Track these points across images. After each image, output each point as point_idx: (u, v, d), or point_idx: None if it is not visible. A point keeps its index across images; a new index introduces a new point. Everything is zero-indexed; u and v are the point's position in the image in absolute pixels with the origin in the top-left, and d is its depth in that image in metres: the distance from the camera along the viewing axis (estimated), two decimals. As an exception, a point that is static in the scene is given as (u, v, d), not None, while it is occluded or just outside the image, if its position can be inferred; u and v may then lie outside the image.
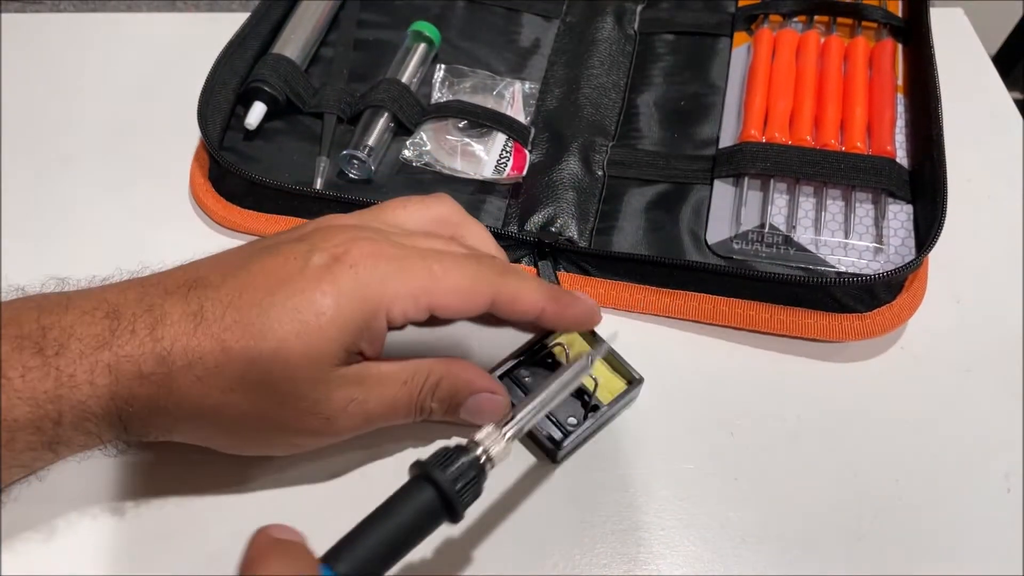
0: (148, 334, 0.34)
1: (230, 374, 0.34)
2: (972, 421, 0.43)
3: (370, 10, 0.62)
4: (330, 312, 0.34)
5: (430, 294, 0.36)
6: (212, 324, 0.34)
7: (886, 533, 0.39)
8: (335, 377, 0.35)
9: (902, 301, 0.45)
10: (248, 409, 0.34)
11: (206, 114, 0.51)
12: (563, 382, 0.36)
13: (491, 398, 0.39)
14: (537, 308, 0.38)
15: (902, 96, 0.55)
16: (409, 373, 0.37)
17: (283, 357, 0.34)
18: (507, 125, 0.53)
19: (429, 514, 0.31)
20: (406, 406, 0.37)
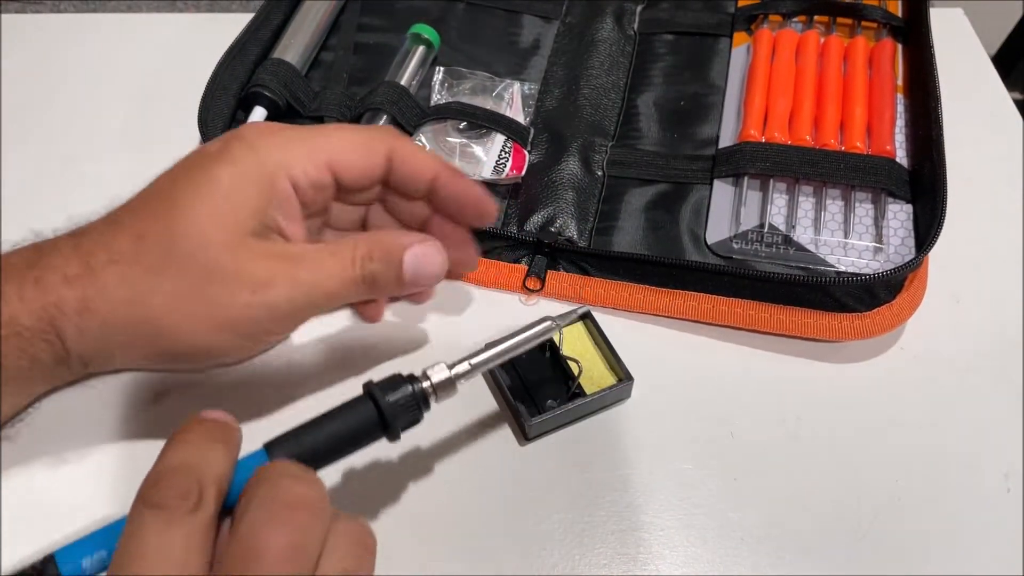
0: (71, 247, 0.35)
1: (149, 258, 0.34)
2: (972, 421, 0.43)
3: (370, 14, 0.62)
4: (228, 179, 0.35)
5: (326, 150, 0.37)
6: (128, 221, 0.36)
7: (886, 533, 0.39)
8: (254, 245, 0.35)
9: (902, 301, 0.45)
10: (174, 289, 0.34)
11: (207, 120, 0.51)
12: (522, 338, 0.38)
13: (425, 247, 0.37)
14: (432, 170, 0.39)
15: (902, 96, 0.55)
16: (335, 245, 0.37)
17: (195, 230, 0.34)
18: (506, 126, 0.53)
19: (366, 427, 0.34)
20: (341, 274, 0.36)
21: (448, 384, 0.36)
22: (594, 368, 0.43)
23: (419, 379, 0.35)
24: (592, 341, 0.44)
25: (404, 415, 0.34)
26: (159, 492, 0.27)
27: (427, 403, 0.35)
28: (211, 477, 0.28)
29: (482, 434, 0.42)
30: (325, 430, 0.33)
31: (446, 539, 0.39)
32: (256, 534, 0.26)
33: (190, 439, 0.29)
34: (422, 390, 0.35)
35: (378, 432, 0.34)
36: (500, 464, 0.41)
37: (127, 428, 0.42)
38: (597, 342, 0.44)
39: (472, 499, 0.40)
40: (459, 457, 0.42)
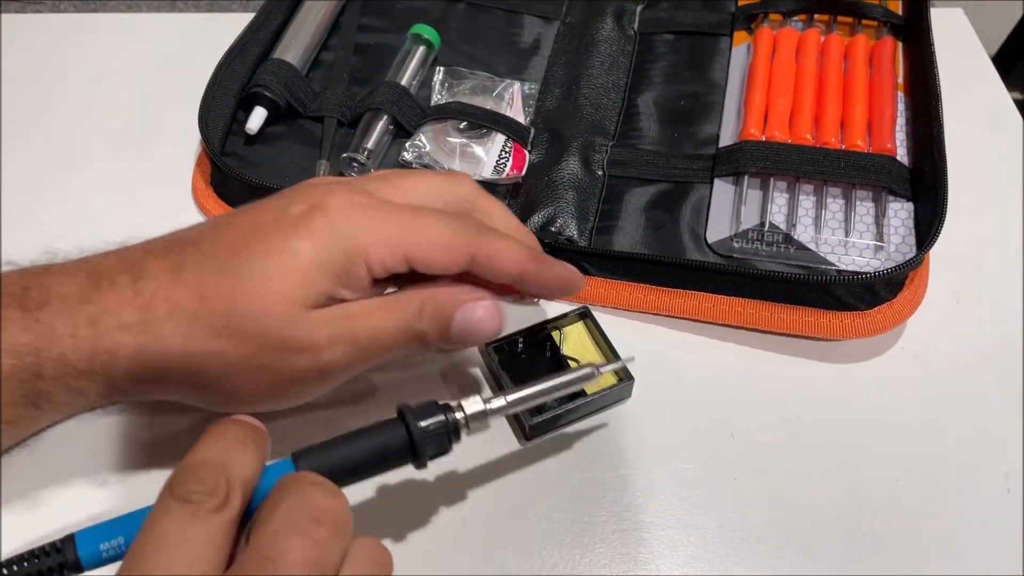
0: (129, 287, 0.34)
1: (210, 320, 0.34)
2: (972, 420, 0.43)
3: (370, 14, 0.62)
4: (307, 255, 0.34)
5: (407, 244, 0.36)
6: (190, 274, 0.34)
7: (886, 533, 0.39)
8: (317, 317, 0.35)
9: (903, 299, 0.45)
10: (234, 355, 0.34)
11: (207, 120, 0.51)
12: (562, 381, 0.37)
13: (482, 304, 0.37)
14: (518, 267, 0.38)
15: (902, 94, 0.55)
16: (391, 300, 0.36)
17: (260, 299, 0.34)
18: (506, 126, 0.53)
19: (395, 451, 0.34)
20: (395, 331, 0.36)
21: (481, 417, 0.35)
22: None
23: (453, 409, 0.35)
24: (592, 340, 0.44)
25: (434, 443, 0.34)
26: (188, 486, 0.27)
27: (458, 435, 0.35)
28: (239, 478, 0.28)
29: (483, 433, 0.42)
30: (354, 447, 0.33)
31: (446, 539, 0.39)
32: (277, 543, 0.26)
33: (223, 437, 0.30)
34: (455, 420, 0.34)
35: (406, 457, 0.34)
36: (500, 464, 0.41)
37: (134, 438, 0.42)
38: (597, 341, 0.44)
39: (472, 498, 0.40)
40: (459, 455, 0.42)
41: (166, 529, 0.27)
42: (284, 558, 0.26)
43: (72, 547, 0.30)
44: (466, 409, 0.35)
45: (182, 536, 0.26)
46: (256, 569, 0.26)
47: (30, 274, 0.35)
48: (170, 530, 0.26)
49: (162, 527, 0.27)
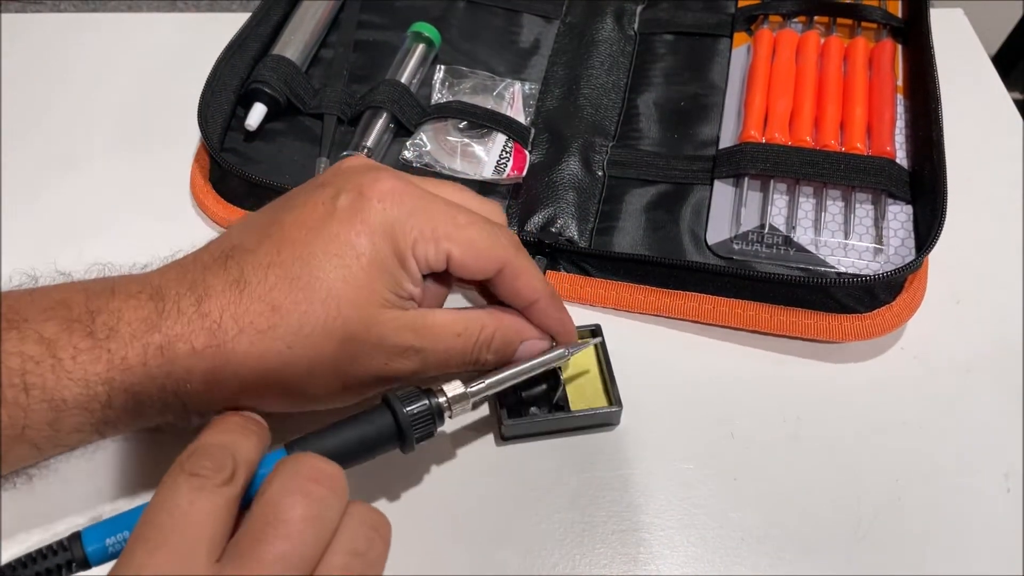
0: (195, 310, 0.34)
1: (285, 331, 0.34)
2: (972, 421, 0.43)
3: (370, 11, 0.62)
4: (368, 252, 0.35)
5: (450, 239, 0.36)
6: (256, 287, 0.34)
7: (886, 533, 0.39)
8: (389, 316, 0.35)
9: (902, 301, 0.45)
10: (311, 362, 0.34)
11: (207, 115, 0.51)
12: (537, 362, 0.39)
13: (538, 344, 0.39)
14: (537, 293, 0.39)
15: (902, 96, 0.55)
16: (462, 326, 0.37)
17: (334, 304, 0.34)
18: (507, 126, 0.53)
19: (383, 436, 0.35)
20: (460, 356, 0.37)
21: (462, 399, 0.37)
22: (589, 387, 0.43)
23: (436, 393, 0.36)
24: (597, 361, 0.44)
25: (420, 427, 0.36)
26: (197, 462, 0.29)
27: (441, 417, 0.36)
28: (244, 459, 0.31)
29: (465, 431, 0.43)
30: (344, 434, 0.35)
31: (447, 539, 0.39)
32: (280, 501, 0.28)
33: (229, 425, 0.32)
34: (438, 404, 0.36)
35: (394, 442, 0.36)
36: (500, 464, 0.41)
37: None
38: (600, 363, 0.44)
39: (472, 498, 0.40)
40: (459, 455, 0.42)
41: (177, 500, 0.28)
42: (286, 514, 0.28)
43: (79, 544, 0.31)
44: (448, 392, 0.37)
45: (191, 507, 0.28)
46: (261, 526, 0.28)
47: (94, 294, 0.34)
48: (181, 501, 0.28)
49: (173, 498, 0.28)
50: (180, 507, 0.28)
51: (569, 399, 0.42)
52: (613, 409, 0.42)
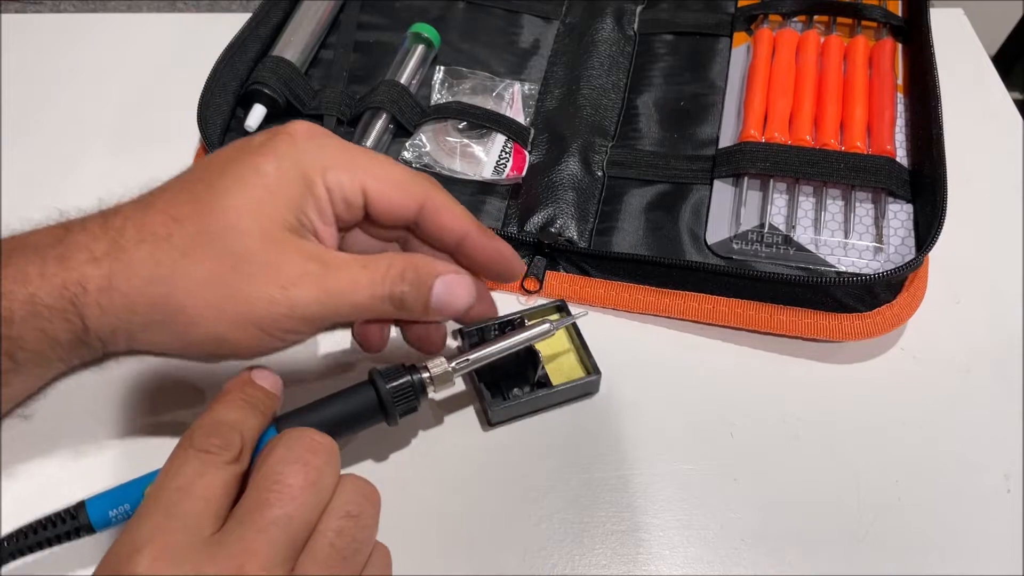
0: (100, 225, 0.35)
1: (182, 240, 0.34)
2: (972, 421, 0.43)
3: (370, 12, 0.62)
4: (273, 174, 0.35)
5: (365, 172, 0.37)
6: (162, 204, 0.35)
7: (886, 533, 0.39)
8: (289, 241, 0.35)
9: (902, 301, 0.45)
10: (201, 276, 0.34)
11: (206, 116, 0.51)
12: (518, 338, 0.40)
13: (457, 277, 0.37)
14: (463, 228, 0.38)
15: (901, 95, 0.55)
16: (369, 259, 0.36)
17: (232, 216, 0.34)
18: (506, 126, 0.53)
19: (367, 410, 0.37)
20: (371, 288, 0.36)
21: (445, 376, 0.38)
22: (565, 361, 0.44)
23: (419, 370, 0.38)
24: (566, 334, 0.44)
25: (402, 402, 0.37)
26: (207, 439, 0.31)
27: (424, 392, 0.38)
28: (250, 438, 0.32)
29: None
30: (330, 410, 0.37)
31: (446, 539, 0.39)
32: (280, 470, 0.30)
33: (237, 402, 0.34)
34: (420, 380, 0.38)
35: (378, 415, 0.37)
36: (500, 464, 0.41)
37: (135, 422, 0.42)
38: (571, 335, 0.44)
39: (471, 499, 0.40)
40: (460, 455, 0.42)
41: (187, 474, 0.30)
42: (286, 480, 0.30)
43: (84, 512, 0.34)
44: (431, 369, 0.38)
45: (201, 481, 0.30)
46: (263, 493, 0.29)
47: (7, 239, 0.35)
48: (190, 475, 0.30)
49: (182, 473, 0.30)
50: (188, 481, 0.30)
51: (551, 375, 0.43)
52: (592, 378, 0.43)
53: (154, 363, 0.44)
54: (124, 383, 0.44)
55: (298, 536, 0.29)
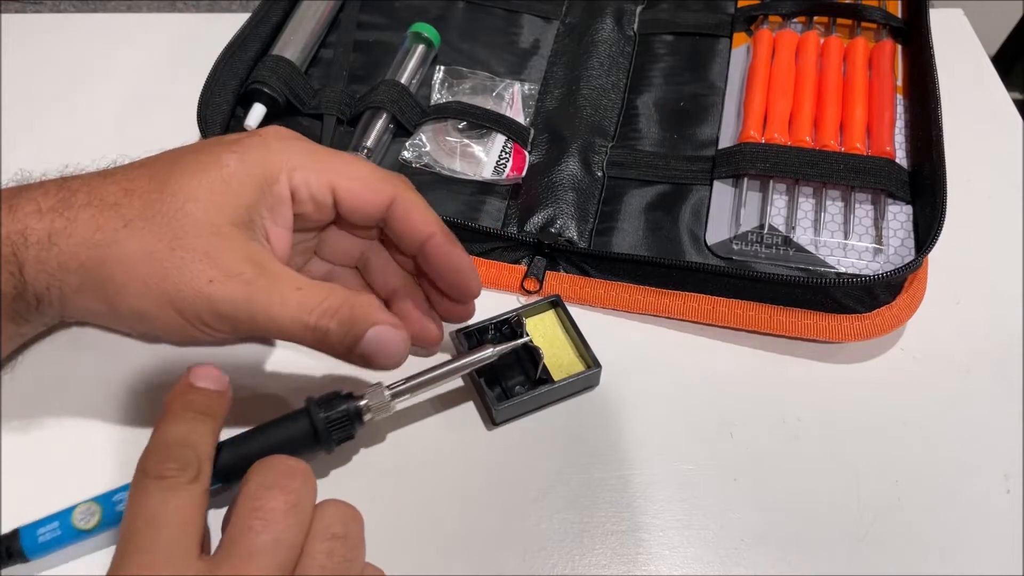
0: (57, 185, 0.36)
1: (128, 211, 0.35)
2: (971, 422, 0.43)
3: (370, 11, 0.62)
4: (233, 166, 0.36)
5: (334, 171, 0.37)
6: (121, 175, 0.36)
7: (885, 534, 0.39)
8: (233, 236, 0.35)
9: (901, 302, 0.45)
10: (136, 249, 0.34)
11: (206, 115, 0.51)
12: (459, 364, 0.40)
13: (393, 332, 0.36)
14: (432, 226, 0.39)
15: (901, 97, 0.55)
16: (307, 282, 0.35)
17: (182, 198, 0.35)
18: (506, 126, 0.53)
19: (301, 440, 0.37)
20: (296, 311, 0.34)
21: (383, 405, 0.38)
22: (563, 356, 0.44)
23: (356, 398, 0.37)
24: (563, 329, 0.44)
25: (337, 431, 0.37)
26: (162, 465, 0.30)
27: (361, 420, 0.38)
28: (205, 452, 0.32)
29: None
30: (266, 438, 0.36)
31: (446, 539, 0.39)
32: (259, 495, 0.30)
33: (184, 414, 0.32)
34: (356, 408, 0.37)
35: (313, 444, 0.37)
36: (500, 464, 0.41)
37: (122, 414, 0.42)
38: (567, 330, 0.44)
39: (471, 499, 0.40)
40: (461, 456, 0.42)
41: (150, 505, 0.30)
42: (267, 505, 0.30)
43: (17, 539, 0.35)
44: (368, 398, 0.38)
45: (165, 508, 0.29)
46: (246, 520, 0.30)
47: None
48: (154, 505, 0.30)
49: (146, 505, 0.30)
50: (157, 511, 0.29)
51: (550, 371, 0.43)
52: (593, 371, 0.43)
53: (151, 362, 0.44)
54: (123, 385, 0.44)
55: (287, 559, 0.30)
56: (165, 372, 0.44)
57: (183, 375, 0.34)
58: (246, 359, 0.44)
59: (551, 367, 0.43)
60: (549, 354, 0.43)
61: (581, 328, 0.44)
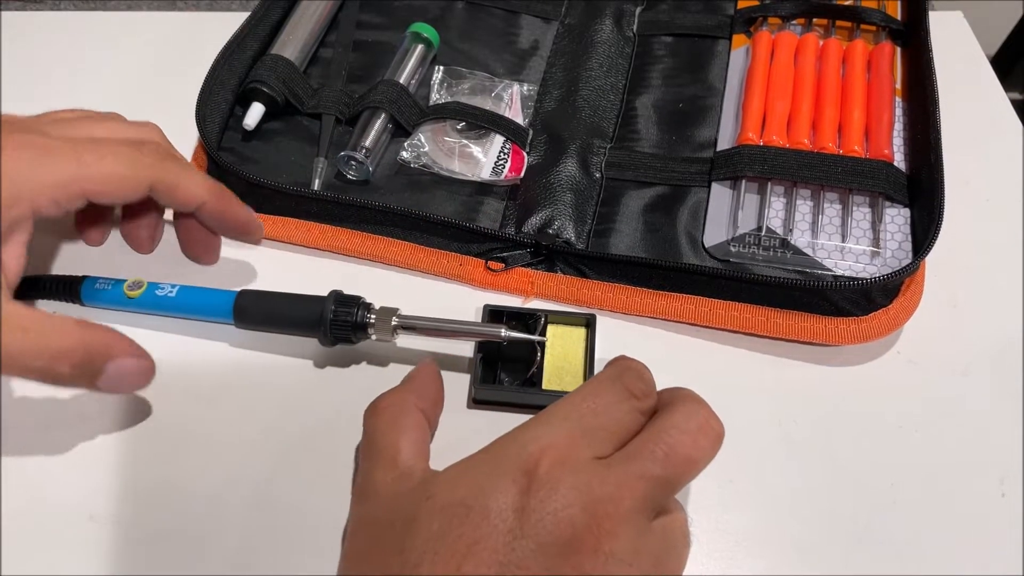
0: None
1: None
2: (968, 425, 0.43)
3: (369, 11, 0.62)
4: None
5: (81, 181, 0.37)
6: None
7: (881, 537, 0.39)
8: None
9: (899, 305, 0.45)
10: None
11: (204, 114, 0.51)
12: (470, 327, 0.42)
13: (136, 363, 0.36)
14: (198, 199, 0.41)
15: (900, 99, 0.55)
16: (36, 323, 0.34)
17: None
18: (505, 127, 0.53)
19: (307, 321, 0.42)
20: (21, 357, 0.34)
21: (385, 327, 0.41)
22: (569, 372, 0.43)
23: (369, 311, 0.41)
24: (584, 349, 0.44)
25: (338, 329, 0.41)
26: (635, 382, 0.34)
27: (365, 332, 0.41)
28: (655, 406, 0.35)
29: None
30: (284, 302, 0.43)
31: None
32: (675, 435, 0.32)
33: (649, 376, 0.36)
34: (363, 319, 0.41)
35: (316, 331, 0.42)
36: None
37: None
38: (587, 351, 0.44)
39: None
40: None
41: (606, 401, 0.33)
42: (676, 449, 0.32)
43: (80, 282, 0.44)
44: (377, 313, 0.41)
45: (615, 410, 0.33)
46: (654, 445, 0.32)
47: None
48: (610, 403, 0.33)
49: (602, 398, 0.33)
50: (607, 407, 0.33)
51: (545, 378, 0.42)
52: None
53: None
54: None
55: (663, 500, 0.32)
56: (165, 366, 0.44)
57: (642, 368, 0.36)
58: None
59: (551, 377, 0.43)
60: (556, 364, 0.43)
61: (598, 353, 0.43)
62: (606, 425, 0.32)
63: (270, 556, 0.38)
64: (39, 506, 0.39)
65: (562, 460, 0.31)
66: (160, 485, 0.40)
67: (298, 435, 0.42)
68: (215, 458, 0.41)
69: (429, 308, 0.43)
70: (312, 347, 0.44)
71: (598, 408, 0.33)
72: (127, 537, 0.39)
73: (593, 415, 0.33)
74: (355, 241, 0.49)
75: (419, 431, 0.36)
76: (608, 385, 0.34)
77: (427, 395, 0.39)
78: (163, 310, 0.45)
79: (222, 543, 0.39)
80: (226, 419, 0.42)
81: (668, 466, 0.31)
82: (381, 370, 0.45)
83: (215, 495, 0.40)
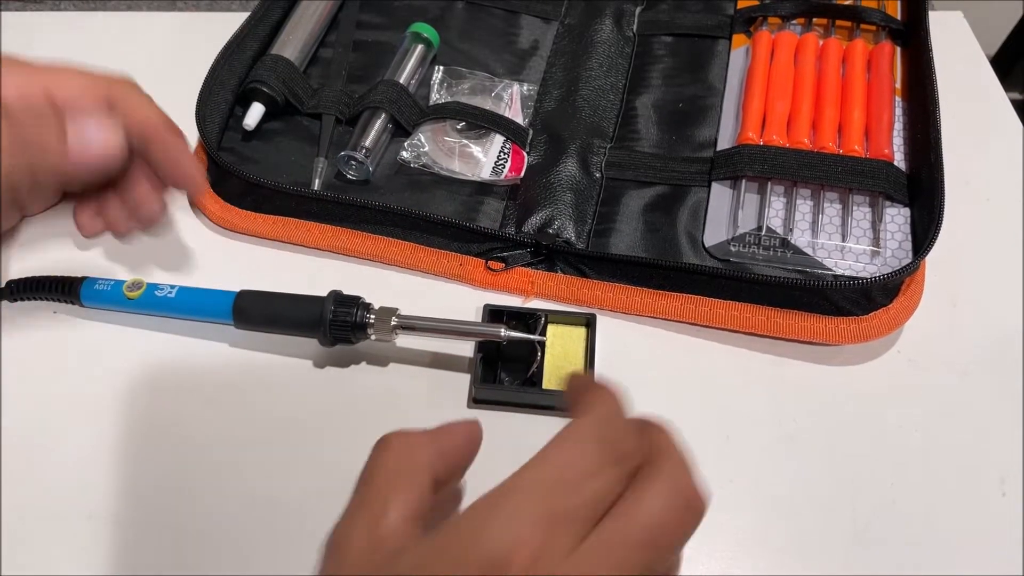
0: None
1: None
2: (968, 425, 0.43)
3: (369, 11, 0.62)
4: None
5: (45, 80, 0.40)
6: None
7: (881, 537, 0.39)
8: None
9: (899, 304, 0.45)
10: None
11: (204, 114, 0.51)
12: (469, 326, 0.42)
13: (96, 120, 0.41)
14: (152, 122, 0.43)
15: (900, 99, 0.55)
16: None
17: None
18: (505, 127, 0.53)
19: (307, 321, 0.42)
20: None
21: (385, 327, 0.41)
22: (568, 370, 0.43)
23: (370, 312, 0.41)
24: (584, 348, 0.44)
25: (337, 330, 0.41)
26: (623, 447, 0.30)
27: (365, 332, 0.42)
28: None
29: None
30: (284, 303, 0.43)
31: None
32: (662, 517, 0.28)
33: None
34: (363, 318, 0.41)
35: (316, 332, 0.42)
36: (498, 465, 0.41)
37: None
38: (587, 351, 0.44)
39: (470, 500, 0.40)
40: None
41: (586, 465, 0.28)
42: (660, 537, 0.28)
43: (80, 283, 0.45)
44: (377, 313, 0.41)
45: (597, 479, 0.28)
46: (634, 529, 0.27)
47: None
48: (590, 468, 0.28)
49: (582, 461, 0.28)
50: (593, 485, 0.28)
51: (545, 377, 0.42)
52: None
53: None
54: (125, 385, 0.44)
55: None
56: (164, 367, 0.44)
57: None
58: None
59: (551, 376, 0.43)
60: (556, 364, 0.43)
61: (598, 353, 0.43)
62: (585, 503, 0.27)
63: (269, 556, 0.38)
64: (38, 505, 0.39)
65: (535, 559, 0.26)
66: (159, 484, 0.40)
67: (298, 435, 0.42)
68: (214, 458, 0.41)
69: (429, 308, 0.43)
70: (312, 347, 0.44)
71: (574, 480, 0.28)
72: (125, 536, 0.39)
73: (566, 493, 0.27)
74: (355, 241, 0.49)
75: (416, 494, 0.31)
76: (586, 449, 0.29)
77: (450, 458, 0.33)
78: (162, 311, 0.45)
79: (221, 542, 0.39)
80: (226, 419, 0.42)
81: (651, 551, 0.28)
82: (381, 370, 0.44)
83: (214, 494, 0.40)
